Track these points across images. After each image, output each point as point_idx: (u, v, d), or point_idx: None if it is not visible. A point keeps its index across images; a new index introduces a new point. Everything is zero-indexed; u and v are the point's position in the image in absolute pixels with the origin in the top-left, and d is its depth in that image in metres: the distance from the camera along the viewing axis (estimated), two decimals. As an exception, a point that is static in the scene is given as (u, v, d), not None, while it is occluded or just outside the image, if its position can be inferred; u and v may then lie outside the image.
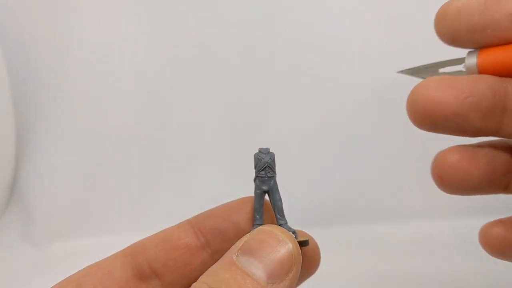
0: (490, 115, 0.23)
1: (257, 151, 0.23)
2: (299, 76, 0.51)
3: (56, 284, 0.22)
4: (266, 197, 0.23)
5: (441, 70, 0.24)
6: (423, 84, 0.23)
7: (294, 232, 0.22)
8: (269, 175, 0.23)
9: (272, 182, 0.23)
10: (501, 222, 0.27)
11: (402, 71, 0.26)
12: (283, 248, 0.20)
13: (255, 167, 0.23)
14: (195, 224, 0.24)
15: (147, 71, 0.52)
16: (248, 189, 0.24)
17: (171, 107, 0.52)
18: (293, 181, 0.45)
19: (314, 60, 0.51)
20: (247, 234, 0.21)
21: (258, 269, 0.19)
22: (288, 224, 0.23)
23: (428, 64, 0.25)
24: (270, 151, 0.23)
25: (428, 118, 0.23)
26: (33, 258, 0.49)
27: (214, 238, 0.23)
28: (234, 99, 0.52)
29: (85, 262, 0.23)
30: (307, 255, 0.23)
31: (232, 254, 0.20)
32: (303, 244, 0.22)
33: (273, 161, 0.23)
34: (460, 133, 0.24)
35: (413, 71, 0.25)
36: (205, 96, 0.52)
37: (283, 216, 0.23)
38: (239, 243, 0.21)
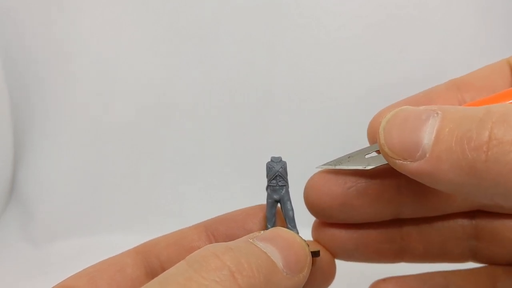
0: (379, 200, 0.23)
1: (269, 159, 0.23)
2: (301, 78, 0.51)
3: (69, 277, 0.22)
4: (279, 205, 0.23)
5: (367, 156, 0.24)
6: (312, 179, 0.24)
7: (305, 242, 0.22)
8: (280, 184, 0.23)
9: (283, 191, 0.23)
10: (393, 279, 0.27)
11: (322, 165, 0.25)
12: (300, 247, 0.20)
13: (267, 176, 0.23)
14: (209, 227, 0.24)
15: (148, 71, 0.52)
16: (248, 192, 0.24)
17: (173, 108, 0.52)
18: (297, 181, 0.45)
19: (315, 62, 0.51)
20: (259, 231, 0.21)
21: (275, 254, 0.19)
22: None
23: (350, 154, 0.24)
24: (283, 159, 0.23)
25: (320, 211, 0.24)
26: (33, 258, 0.48)
27: None
28: (239, 100, 0.51)
29: (85, 262, 0.24)
30: (322, 268, 0.23)
31: (247, 238, 0.19)
32: (314, 254, 0.21)
33: (285, 170, 0.23)
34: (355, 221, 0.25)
35: (335, 163, 0.24)
36: (208, 97, 0.52)
37: (295, 226, 0.23)
38: (254, 234, 0.20)
